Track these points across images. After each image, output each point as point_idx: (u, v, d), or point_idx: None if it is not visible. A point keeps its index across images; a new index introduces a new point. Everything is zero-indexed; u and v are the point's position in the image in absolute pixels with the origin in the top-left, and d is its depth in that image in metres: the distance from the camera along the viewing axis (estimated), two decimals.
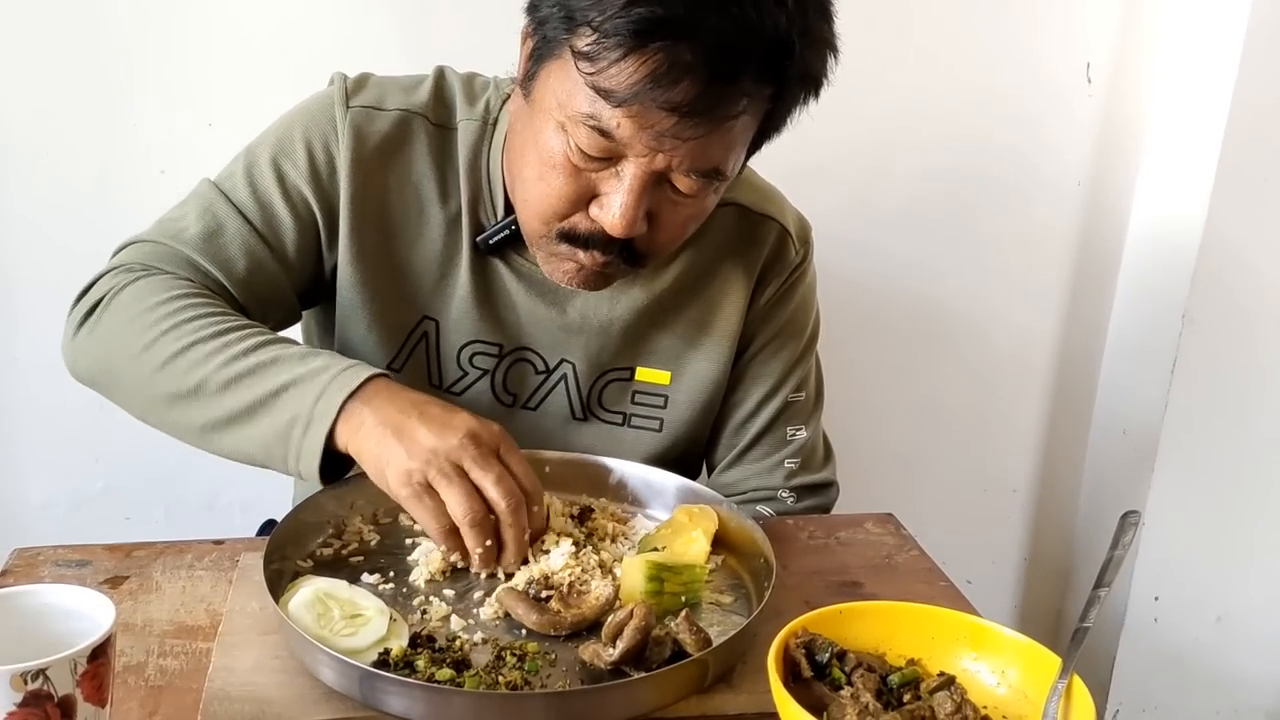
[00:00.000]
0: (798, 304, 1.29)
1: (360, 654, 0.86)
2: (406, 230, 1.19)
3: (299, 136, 1.16)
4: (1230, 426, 1.93)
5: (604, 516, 1.11)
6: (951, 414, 2.05)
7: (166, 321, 1.05)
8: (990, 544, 2.16)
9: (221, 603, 0.98)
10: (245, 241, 1.14)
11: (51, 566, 1.04)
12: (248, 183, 1.15)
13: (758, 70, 0.96)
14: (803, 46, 0.98)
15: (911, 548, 1.16)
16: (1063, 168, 1.94)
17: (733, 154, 1.04)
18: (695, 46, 0.92)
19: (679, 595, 0.96)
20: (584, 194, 1.04)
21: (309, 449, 0.98)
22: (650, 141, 0.97)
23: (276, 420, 1.00)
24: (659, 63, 0.92)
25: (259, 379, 1.01)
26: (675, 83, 0.93)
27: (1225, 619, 2.03)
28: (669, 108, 0.94)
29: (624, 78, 0.94)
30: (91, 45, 1.59)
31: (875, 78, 1.80)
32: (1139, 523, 0.94)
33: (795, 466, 1.29)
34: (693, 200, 1.05)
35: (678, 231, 1.10)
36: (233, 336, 1.04)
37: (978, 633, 0.88)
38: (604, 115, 0.97)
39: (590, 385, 1.25)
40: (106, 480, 1.79)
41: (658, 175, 1.01)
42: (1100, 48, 1.87)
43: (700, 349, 1.25)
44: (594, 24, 0.94)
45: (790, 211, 1.29)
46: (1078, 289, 2.01)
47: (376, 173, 1.16)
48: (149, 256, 1.13)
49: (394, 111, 1.17)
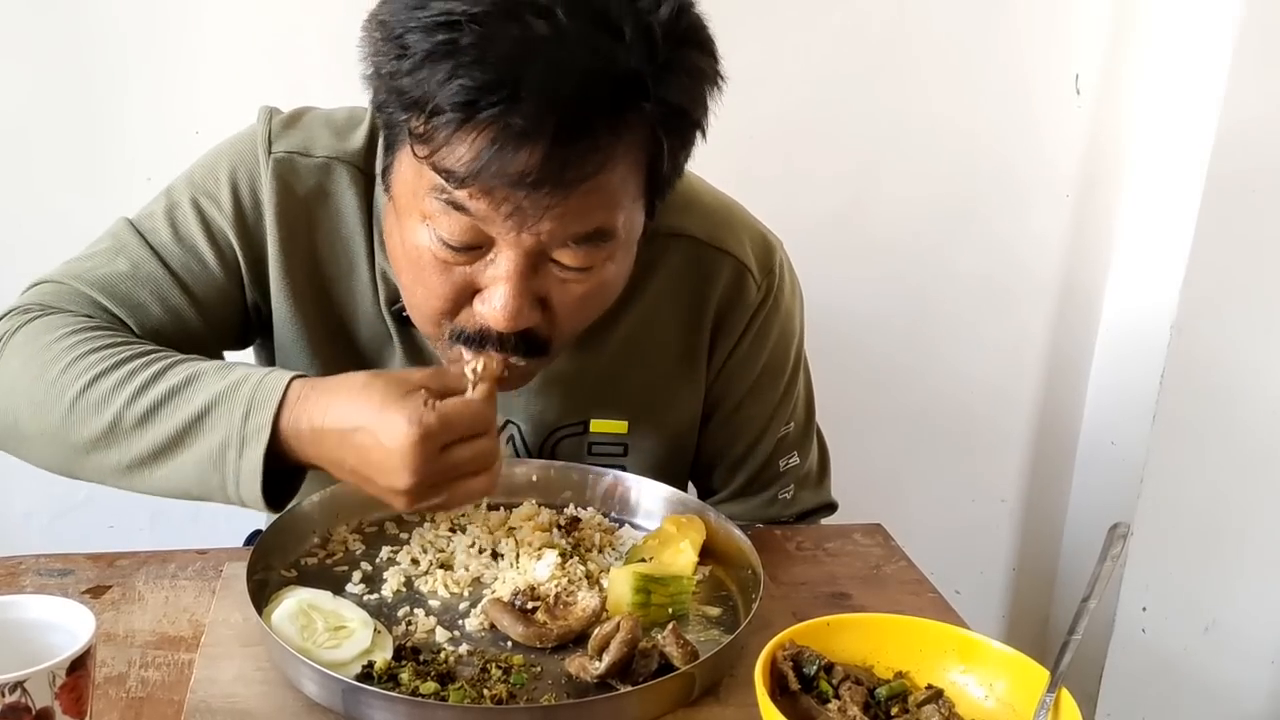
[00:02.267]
0: (774, 343, 1.20)
1: (343, 666, 0.85)
2: (338, 285, 1.11)
3: (224, 177, 1.08)
4: (1218, 437, 1.93)
5: (591, 527, 1.10)
6: (940, 424, 2.05)
7: (64, 358, 0.96)
8: (979, 553, 2.16)
9: (205, 613, 0.97)
10: (158, 287, 1.06)
11: (33, 575, 1.03)
12: (168, 223, 1.07)
13: (606, 119, 0.86)
14: (658, 81, 0.87)
15: (900, 558, 1.15)
16: (1051, 179, 1.94)
17: (618, 211, 0.92)
18: (526, 110, 0.82)
19: (666, 607, 0.95)
20: (464, 290, 0.95)
21: (247, 471, 0.90)
22: (508, 219, 0.88)
23: (205, 446, 0.91)
24: (493, 134, 0.83)
25: (176, 405, 0.92)
26: (515, 152, 0.83)
27: (1214, 629, 2.03)
28: (513, 183, 0.85)
29: (459, 155, 0.85)
30: (76, 51, 1.58)
31: (863, 89, 1.80)
32: (1127, 535, 0.94)
33: (790, 496, 1.26)
34: (586, 274, 0.94)
35: (579, 312, 0.98)
36: (138, 364, 0.95)
37: (966, 645, 0.87)
38: (457, 195, 0.88)
39: (540, 444, 1.18)
40: (90, 488, 1.75)
41: (536, 254, 0.92)
42: (1089, 59, 1.88)
43: (659, 397, 1.18)
44: (420, 103, 0.85)
45: (750, 238, 1.17)
46: (1066, 299, 2.02)
47: (302, 225, 1.09)
48: (49, 297, 1.05)
49: (320, 159, 1.08)
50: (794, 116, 1.71)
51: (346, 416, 0.88)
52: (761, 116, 1.70)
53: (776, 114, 1.76)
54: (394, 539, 1.07)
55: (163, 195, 1.11)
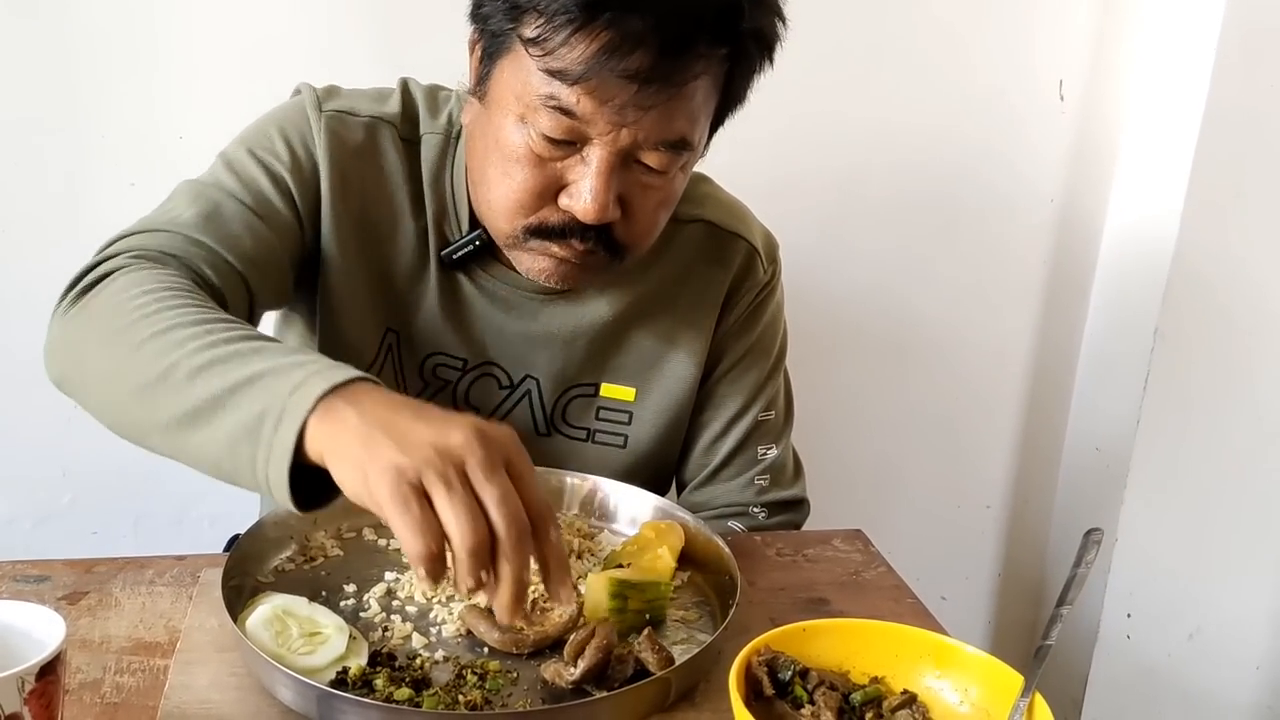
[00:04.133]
0: (766, 323, 1.29)
1: (318, 673, 0.85)
2: (381, 237, 1.17)
3: (276, 134, 1.13)
4: (1202, 442, 1.94)
5: (570, 532, 1.10)
6: (925, 430, 2.05)
7: (151, 306, 0.92)
8: (964, 559, 2.17)
9: (181, 619, 0.96)
10: (244, 218, 1.08)
11: (10, 582, 1.02)
12: (231, 174, 1.11)
13: (710, 33, 0.97)
14: (751, 7, 0.99)
15: (879, 564, 1.15)
16: (1036, 184, 1.94)
17: (696, 124, 1.04)
18: (644, 16, 0.93)
19: (643, 612, 0.95)
20: (551, 185, 1.03)
21: (280, 447, 0.79)
22: (612, 116, 0.97)
23: (244, 413, 0.81)
24: (610, 36, 0.93)
25: (232, 365, 0.84)
26: (629, 52, 0.94)
27: (1198, 635, 2.04)
28: (626, 76, 0.95)
29: (576, 55, 0.95)
30: (59, 54, 1.57)
31: (849, 92, 1.81)
32: (1101, 540, 0.94)
33: (766, 483, 1.29)
34: (662, 180, 1.05)
35: (651, 218, 1.08)
36: (217, 325, 0.90)
37: (941, 650, 0.87)
38: (562, 95, 0.97)
39: (554, 401, 1.24)
40: (74, 494, 1.77)
41: (624, 154, 1.01)
42: (1073, 64, 1.88)
43: (666, 366, 1.25)
44: (539, 8, 0.95)
45: (758, 229, 1.29)
46: (1050, 305, 2.02)
47: (354, 176, 1.15)
48: (148, 241, 1.04)
49: (366, 118, 1.16)
50: (779, 123, 1.71)
51: (418, 402, 0.82)
52: (747, 123, 1.70)
53: (762, 120, 1.76)
54: (373, 545, 1.07)
55: (217, 160, 1.14)
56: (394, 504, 0.74)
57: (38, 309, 1.12)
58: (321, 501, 0.83)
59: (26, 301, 1.57)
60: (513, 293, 1.18)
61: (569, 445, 1.25)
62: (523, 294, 1.19)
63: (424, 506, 0.74)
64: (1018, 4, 1.84)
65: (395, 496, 0.74)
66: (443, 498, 0.74)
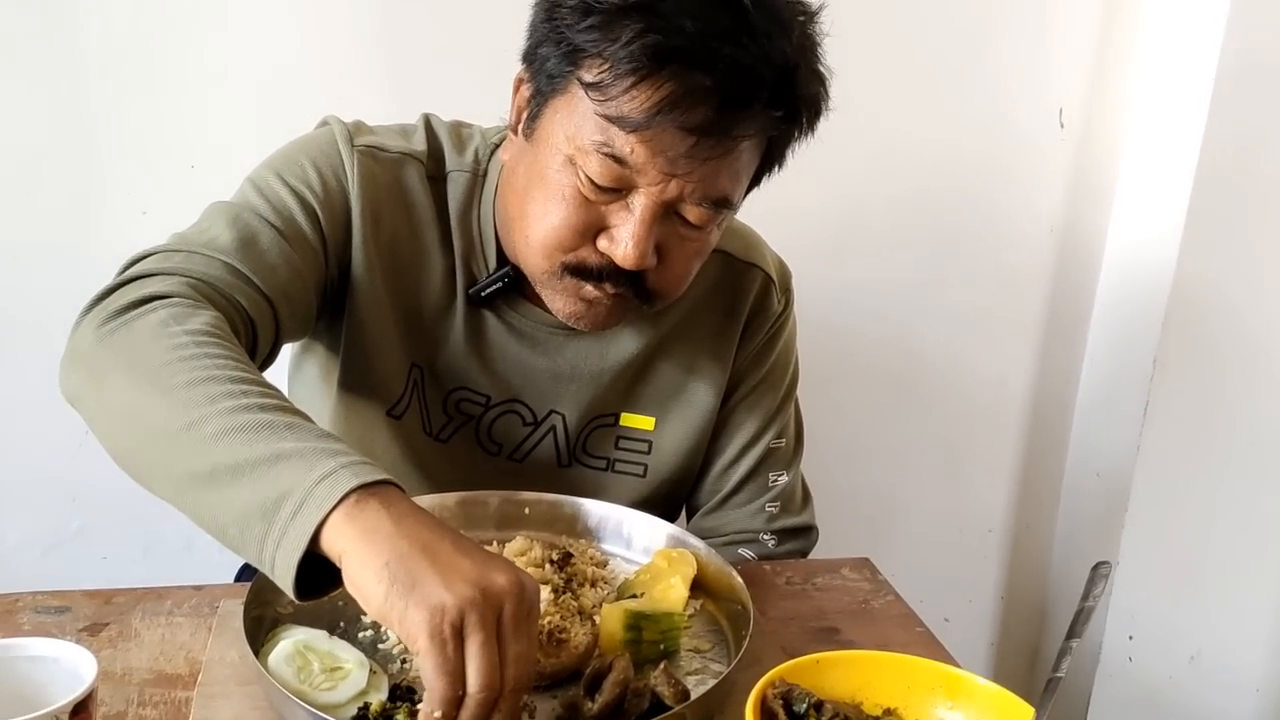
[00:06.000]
0: (780, 352, 1.31)
1: (339, 709, 0.86)
2: (409, 273, 1.18)
3: (308, 164, 1.13)
4: (1202, 468, 1.95)
5: (583, 560, 1.11)
6: (928, 456, 2.07)
7: (189, 349, 0.89)
8: (967, 582, 2.18)
9: (201, 650, 0.98)
10: (279, 247, 1.07)
11: (30, 613, 1.03)
12: (263, 199, 1.10)
13: (768, 95, 0.98)
14: (807, 73, 1.02)
15: (888, 593, 1.17)
16: (1036, 213, 1.96)
17: (739, 185, 1.06)
18: (708, 72, 0.95)
19: (657, 644, 0.96)
20: (592, 226, 1.04)
21: (295, 534, 0.77)
22: (665, 167, 0.99)
23: (265, 490, 0.79)
24: (673, 88, 0.95)
25: (262, 437, 0.82)
26: (691, 106, 0.95)
27: (1199, 658, 2.05)
28: (684, 129, 0.96)
29: (636, 104, 0.96)
30: (73, 84, 1.59)
31: (849, 123, 1.81)
32: (1109, 574, 0.95)
33: (776, 510, 1.30)
34: (699, 235, 1.07)
35: (684, 268, 1.10)
36: (254, 389, 0.87)
37: (953, 682, 0.89)
38: (617, 142, 0.98)
39: (578, 433, 1.25)
40: (84, 520, 1.77)
41: (668, 206, 1.03)
42: (1073, 92, 1.90)
43: (685, 395, 1.26)
44: (604, 54, 0.96)
45: (772, 258, 1.30)
46: (1051, 333, 2.04)
47: (385, 212, 1.15)
48: (188, 265, 1.01)
49: (395, 155, 1.16)
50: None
51: (451, 527, 0.81)
52: None
53: None
54: None
55: (246, 184, 1.13)
56: (432, 643, 0.73)
57: (49, 335, 1.13)
58: (318, 593, 0.82)
59: (38, 327, 1.59)
60: (538, 329, 1.19)
61: (589, 475, 1.27)
62: (548, 330, 1.20)
63: (458, 651, 0.74)
64: (1018, 32, 1.86)
65: (435, 636, 0.73)
66: (477, 645, 0.74)
